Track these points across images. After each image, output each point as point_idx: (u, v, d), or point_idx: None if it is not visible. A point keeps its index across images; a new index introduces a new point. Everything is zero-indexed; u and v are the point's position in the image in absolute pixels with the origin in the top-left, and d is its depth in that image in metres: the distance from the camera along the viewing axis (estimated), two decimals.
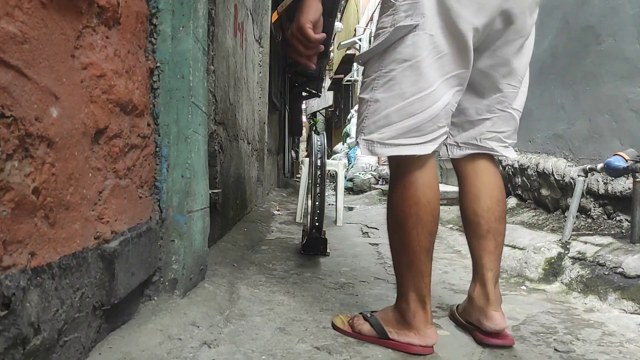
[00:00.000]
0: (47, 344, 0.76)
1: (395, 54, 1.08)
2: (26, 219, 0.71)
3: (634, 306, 1.45)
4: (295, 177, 10.89)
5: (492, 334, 1.18)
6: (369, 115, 1.12)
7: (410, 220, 1.10)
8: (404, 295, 1.14)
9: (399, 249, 1.14)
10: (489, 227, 1.23)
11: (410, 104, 1.07)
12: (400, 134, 1.09)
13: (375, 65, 1.12)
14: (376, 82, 1.11)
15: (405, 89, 1.07)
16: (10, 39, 0.66)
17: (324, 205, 2.27)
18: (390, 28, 1.08)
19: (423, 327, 1.12)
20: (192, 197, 1.37)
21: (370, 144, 1.11)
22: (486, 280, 1.22)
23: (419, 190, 1.10)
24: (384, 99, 1.09)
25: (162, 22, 1.30)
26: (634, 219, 1.86)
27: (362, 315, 1.24)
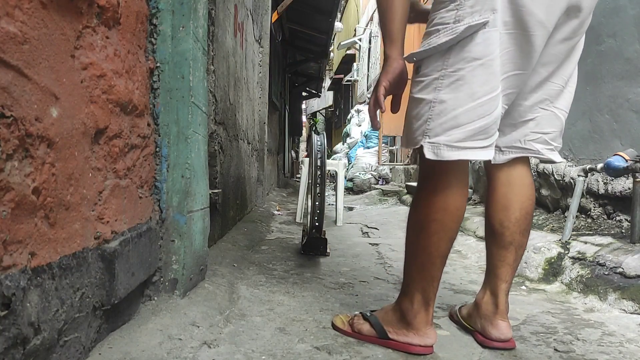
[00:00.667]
0: (47, 344, 0.76)
1: (464, 53, 1.02)
2: (26, 219, 0.71)
3: (634, 306, 1.45)
4: (295, 177, 10.89)
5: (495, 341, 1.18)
6: (433, 117, 1.05)
7: (433, 225, 1.07)
8: (409, 296, 1.13)
9: (415, 251, 1.12)
10: (512, 239, 1.20)
11: (480, 105, 1.02)
12: (469, 136, 1.03)
13: (437, 64, 1.05)
14: (440, 81, 1.04)
15: (475, 89, 1.02)
16: (10, 39, 0.66)
17: (324, 205, 2.27)
18: (454, 24, 1.02)
19: (423, 327, 1.12)
20: (192, 197, 1.37)
21: (437, 147, 1.04)
22: (499, 291, 1.20)
23: (449, 197, 1.07)
24: (452, 99, 1.03)
25: (162, 22, 1.30)
26: (634, 219, 1.86)
27: (362, 314, 1.24)
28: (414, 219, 1.13)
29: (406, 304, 1.14)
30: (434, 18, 1.08)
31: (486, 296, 1.22)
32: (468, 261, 2.34)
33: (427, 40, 1.07)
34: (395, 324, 1.16)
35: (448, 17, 1.04)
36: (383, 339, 1.16)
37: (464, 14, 1.02)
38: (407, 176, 7.15)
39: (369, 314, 1.22)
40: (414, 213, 1.13)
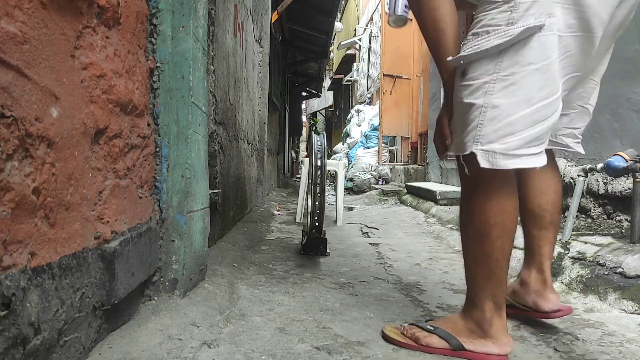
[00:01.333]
0: (47, 344, 0.76)
1: (518, 57, 0.99)
2: (26, 219, 0.71)
3: (634, 306, 1.45)
4: (295, 177, 10.89)
5: (550, 312, 1.28)
6: (485, 123, 1.01)
7: (495, 230, 1.05)
8: (479, 305, 1.10)
9: (480, 259, 1.08)
10: (552, 219, 1.29)
11: (537, 110, 0.99)
12: (524, 143, 1.00)
13: (487, 68, 1.01)
14: (491, 85, 1.01)
15: (531, 94, 0.99)
16: (10, 39, 0.66)
17: (324, 205, 2.27)
18: (507, 27, 0.99)
19: (501, 336, 1.08)
20: (192, 197, 1.37)
21: (492, 155, 1.01)
22: (545, 267, 1.30)
23: (505, 199, 1.05)
24: (506, 105, 1.00)
25: (162, 22, 1.30)
26: (634, 219, 1.86)
27: (417, 325, 1.18)
28: (471, 228, 1.10)
29: (478, 314, 1.10)
30: (482, 18, 1.04)
31: (533, 274, 1.31)
32: None
33: (474, 42, 1.03)
34: (468, 334, 1.11)
35: (500, 18, 1.01)
36: (459, 351, 1.11)
37: (517, 16, 0.99)
38: (407, 176, 7.15)
39: (431, 326, 1.16)
40: (470, 222, 1.10)
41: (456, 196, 4.22)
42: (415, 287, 1.78)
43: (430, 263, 2.26)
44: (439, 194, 4.22)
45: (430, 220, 3.80)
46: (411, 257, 2.39)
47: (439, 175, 5.61)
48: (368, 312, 1.44)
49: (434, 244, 2.84)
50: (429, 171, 6.01)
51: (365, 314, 1.42)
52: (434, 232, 3.30)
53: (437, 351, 1.13)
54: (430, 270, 2.10)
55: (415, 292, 1.72)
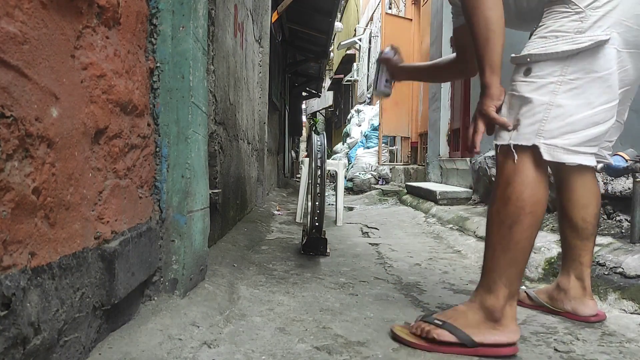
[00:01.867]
0: (47, 344, 0.76)
1: (584, 64, 1.09)
2: (26, 219, 0.71)
3: (634, 306, 1.45)
4: (295, 177, 10.89)
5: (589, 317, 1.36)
6: (550, 120, 1.10)
7: (528, 218, 1.11)
8: (495, 291, 1.13)
9: (506, 246, 1.12)
10: (594, 230, 1.38)
11: (596, 113, 1.09)
12: (583, 142, 1.10)
13: (553, 69, 1.10)
14: (557, 86, 1.10)
15: (592, 99, 1.09)
16: (10, 39, 0.66)
17: (324, 205, 2.27)
18: (576, 35, 1.09)
19: (510, 324, 1.12)
20: (192, 197, 1.37)
21: (553, 149, 1.09)
22: (585, 275, 1.38)
23: (541, 189, 1.12)
24: (570, 105, 1.09)
25: (162, 22, 1.30)
26: (634, 219, 1.86)
27: (427, 321, 1.17)
28: (504, 213, 1.13)
29: (492, 301, 1.13)
30: (551, 24, 1.13)
31: (572, 281, 1.39)
32: (468, 261, 2.34)
33: (542, 44, 1.12)
34: (477, 324, 1.13)
35: (569, 26, 1.10)
36: (472, 348, 1.11)
37: (586, 27, 1.09)
38: (407, 176, 7.15)
39: (439, 321, 1.15)
40: (504, 207, 1.13)
41: (456, 196, 4.22)
42: (415, 287, 1.78)
43: (430, 263, 2.26)
44: (439, 194, 4.22)
45: (430, 220, 3.80)
46: (411, 257, 2.39)
47: (439, 175, 5.61)
48: (368, 312, 1.44)
49: (434, 244, 2.84)
50: (429, 171, 6.02)
51: (365, 314, 1.42)
52: (434, 232, 3.30)
53: (450, 350, 1.12)
54: (430, 270, 2.10)
55: (415, 292, 1.72)
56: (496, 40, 1.12)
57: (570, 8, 1.11)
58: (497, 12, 1.13)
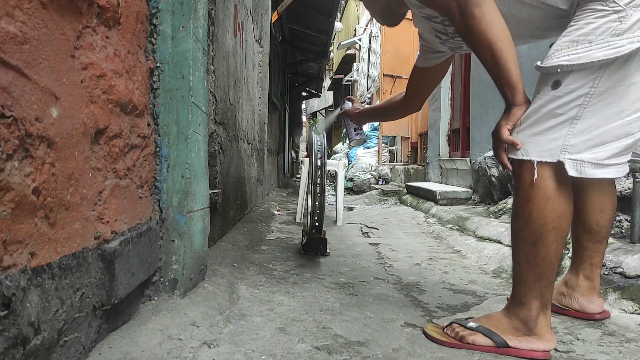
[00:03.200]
0: (47, 344, 0.76)
1: (619, 72, 0.98)
2: (26, 219, 0.71)
3: (634, 306, 1.45)
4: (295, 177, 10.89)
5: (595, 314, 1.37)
6: (576, 134, 1.01)
7: (552, 234, 1.07)
8: (527, 304, 1.11)
9: (532, 261, 1.09)
10: (607, 233, 1.36)
11: (628, 123, 1.00)
12: (614, 154, 1.02)
13: (585, 81, 1.00)
14: (587, 99, 1.00)
15: (625, 106, 0.99)
16: (10, 39, 0.66)
17: (324, 205, 2.27)
18: (612, 38, 0.97)
19: (545, 333, 1.11)
20: (192, 197, 1.37)
21: (580, 164, 1.02)
22: (594, 275, 1.38)
23: (563, 203, 1.07)
24: (598, 117, 1.00)
25: (162, 22, 1.30)
26: (634, 219, 1.86)
27: (460, 324, 1.19)
28: (527, 231, 1.09)
29: (524, 313, 1.12)
30: (584, 26, 1.01)
31: (581, 280, 1.38)
32: (468, 261, 2.34)
33: (573, 50, 1.01)
34: (513, 331, 1.13)
35: (605, 27, 0.98)
36: (503, 348, 1.12)
37: (625, 28, 0.97)
38: (407, 176, 7.15)
39: (473, 324, 1.17)
40: (526, 225, 1.09)
41: (456, 196, 4.22)
42: (415, 287, 1.78)
43: (430, 263, 2.26)
44: (439, 194, 4.22)
45: (430, 220, 3.80)
46: (411, 257, 2.39)
47: (439, 175, 5.61)
48: (368, 312, 1.44)
49: (434, 244, 2.84)
50: (429, 171, 6.02)
51: (365, 314, 1.42)
52: (434, 232, 3.30)
53: (480, 348, 1.14)
54: (430, 270, 2.10)
55: (415, 292, 1.72)
56: (506, 59, 1.04)
57: (608, 6, 0.98)
58: (497, 27, 1.04)
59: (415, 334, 1.27)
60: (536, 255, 1.09)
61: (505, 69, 1.05)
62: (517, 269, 1.14)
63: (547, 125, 1.04)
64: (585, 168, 1.02)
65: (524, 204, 1.10)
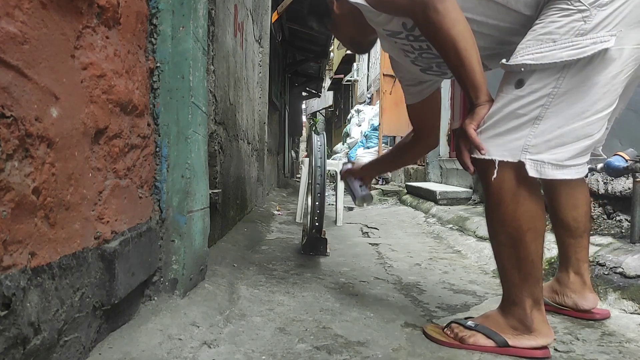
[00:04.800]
0: (47, 344, 0.76)
1: (582, 73, 0.97)
2: (26, 219, 0.71)
3: (634, 306, 1.45)
4: (295, 177, 10.89)
5: (588, 312, 1.37)
6: (537, 134, 1.01)
7: (529, 234, 1.06)
8: (520, 303, 1.11)
9: (515, 263, 1.10)
10: (585, 228, 1.37)
11: (589, 124, 0.99)
12: (573, 155, 1.01)
13: (548, 81, 0.99)
14: (549, 100, 1.00)
15: (586, 107, 0.98)
16: (10, 39, 0.66)
17: (324, 205, 2.27)
18: (576, 38, 0.96)
19: (542, 328, 1.11)
20: (192, 197, 1.37)
21: (540, 165, 1.01)
22: (583, 270, 1.38)
23: (534, 204, 1.06)
24: (559, 118, 0.99)
25: (162, 22, 1.30)
26: (634, 219, 1.86)
27: (461, 324, 1.19)
28: (503, 235, 1.09)
29: (519, 312, 1.12)
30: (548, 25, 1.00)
31: (571, 277, 1.39)
32: (468, 261, 2.33)
33: (537, 49, 1.00)
34: (511, 330, 1.13)
35: (569, 27, 0.97)
36: (504, 347, 1.12)
37: (589, 28, 0.96)
38: (407, 176, 7.15)
39: (472, 323, 1.17)
40: (502, 228, 1.09)
41: (456, 196, 4.22)
42: (415, 287, 1.78)
43: (430, 263, 2.26)
44: (439, 194, 4.22)
45: (430, 220, 3.80)
46: (411, 257, 2.39)
47: (439, 175, 5.61)
48: (368, 312, 1.44)
49: (433, 244, 2.84)
50: (429, 171, 6.02)
51: (365, 314, 1.42)
52: (434, 232, 3.30)
53: (482, 349, 1.13)
54: (430, 270, 2.10)
55: (415, 292, 1.72)
56: (470, 57, 1.03)
57: (572, 5, 0.98)
58: (460, 25, 1.03)
59: (415, 334, 1.27)
60: (518, 257, 1.09)
61: (469, 68, 1.04)
62: (502, 272, 1.15)
63: (509, 125, 1.03)
64: (545, 169, 1.01)
65: (495, 208, 1.09)
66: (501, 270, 1.15)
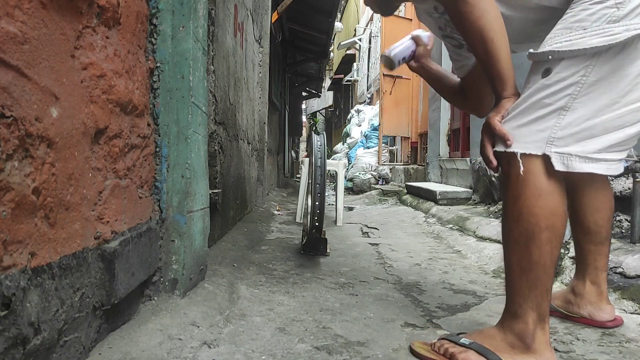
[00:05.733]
0: (47, 344, 0.76)
1: (612, 62, 0.92)
2: (26, 219, 0.71)
3: (634, 306, 1.45)
4: (295, 177, 10.89)
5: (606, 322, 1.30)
6: (563, 125, 0.95)
7: (545, 233, 0.97)
8: (522, 317, 1.01)
9: (525, 265, 1.00)
10: (607, 234, 1.30)
11: (621, 115, 0.93)
12: (604, 147, 0.95)
13: (576, 69, 0.94)
14: (577, 89, 0.94)
15: (616, 98, 0.93)
16: (10, 39, 0.66)
17: (324, 205, 2.27)
18: (608, 25, 0.91)
19: (544, 350, 1.00)
20: (192, 197, 1.37)
21: (567, 158, 0.95)
22: (601, 280, 1.32)
23: (557, 199, 0.98)
24: (588, 109, 0.94)
25: (162, 22, 1.30)
26: (634, 219, 1.86)
27: (450, 340, 1.08)
28: (517, 231, 1.01)
29: (520, 326, 1.01)
30: (578, 12, 0.96)
31: (587, 286, 1.33)
32: (468, 261, 2.33)
33: (566, 37, 0.95)
34: (509, 349, 1.01)
35: (601, 14, 0.93)
36: None
37: (622, 14, 0.91)
38: (407, 176, 7.16)
39: (465, 340, 1.06)
40: (516, 225, 1.01)
41: (456, 196, 4.22)
42: (415, 287, 1.78)
43: (430, 263, 2.26)
44: (439, 194, 4.22)
45: (430, 220, 3.80)
46: (411, 257, 2.39)
47: (439, 175, 5.61)
48: (368, 312, 1.44)
49: (433, 244, 2.84)
50: (429, 171, 6.02)
51: (365, 314, 1.42)
52: (434, 232, 3.30)
53: None
54: (430, 270, 2.10)
55: (415, 292, 1.72)
56: (498, 49, 0.99)
57: None
58: (490, 16, 0.99)
59: (415, 334, 1.27)
60: (529, 259, 0.99)
61: (496, 59, 1.01)
62: (510, 276, 1.05)
63: (534, 115, 0.98)
64: (572, 162, 0.95)
65: (513, 201, 1.02)
66: (508, 274, 1.05)
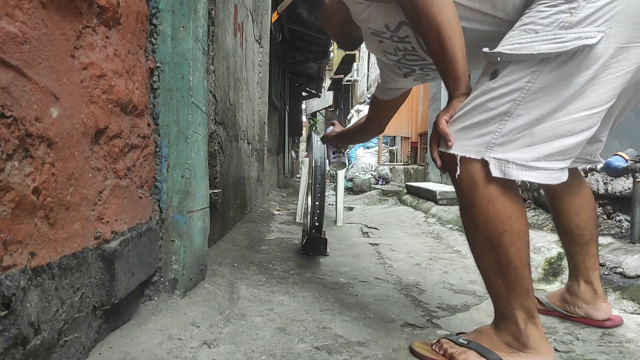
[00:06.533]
0: (47, 344, 0.76)
1: (559, 70, 0.89)
2: (26, 219, 0.71)
3: (634, 306, 1.45)
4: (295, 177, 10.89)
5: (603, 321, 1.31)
6: (504, 131, 0.93)
7: (505, 237, 0.96)
8: (511, 317, 1.00)
9: (497, 270, 0.99)
10: (591, 235, 1.32)
11: (563, 123, 0.91)
12: (543, 155, 0.92)
13: (522, 74, 0.92)
14: (521, 95, 0.92)
15: (558, 107, 0.91)
16: (10, 39, 0.66)
17: (324, 205, 2.27)
18: (559, 31, 0.89)
19: (540, 345, 0.99)
20: (192, 197, 1.37)
21: (504, 164, 0.93)
22: (593, 279, 1.33)
23: (508, 202, 0.96)
24: (530, 115, 0.91)
25: (162, 22, 1.30)
26: (634, 219, 1.86)
27: (451, 340, 1.07)
28: (479, 239, 1.00)
29: (512, 327, 1.00)
30: (534, 15, 0.93)
31: (582, 286, 1.34)
32: (468, 261, 2.33)
33: (517, 40, 0.93)
34: (506, 347, 1.01)
35: (555, 19, 0.90)
36: None
37: (575, 21, 0.89)
38: (407, 176, 7.15)
39: (464, 340, 1.05)
40: (476, 232, 1.00)
41: (456, 196, 4.22)
42: (415, 287, 1.78)
43: (430, 263, 2.26)
44: (439, 194, 4.22)
45: (430, 220, 3.80)
46: (411, 257, 2.39)
47: (439, 175, 5.61)
48: (368, 312, 1.44)
49: (433, 244, 2.84)
50: (429, 171, 6.01)
51: (365, 314, 1.42)
52: (434, 232, 3.30)
53: None
54: (430, 270, 2.10)
55: (415, 292, 1.72)
56: (454, 47, 0.96)
57: None
58: (447, 12, 0.96)
59: (415, 334, 1.27)
60: (499, 263, 0.98)
61: (451, 57, 0.97)
62: (487, 281, 1.03)
63: (477, 119, 0.96)
64: (509, 169, 0.93)
65: (467, 210, 1.01)
66: (485, 280, 1.04)
